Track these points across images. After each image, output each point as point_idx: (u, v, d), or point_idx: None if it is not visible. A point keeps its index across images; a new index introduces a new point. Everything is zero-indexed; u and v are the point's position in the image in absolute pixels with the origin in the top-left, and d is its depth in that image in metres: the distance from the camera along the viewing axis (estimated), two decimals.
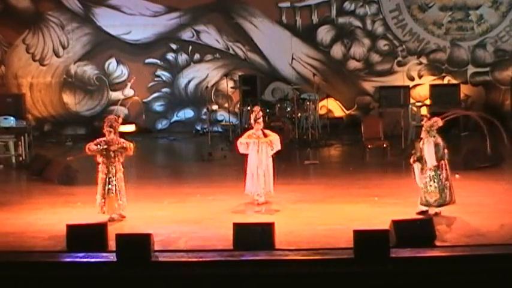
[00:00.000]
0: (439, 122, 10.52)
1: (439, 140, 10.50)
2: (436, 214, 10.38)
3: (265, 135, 11.37)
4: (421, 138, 10.58)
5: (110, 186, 10.69)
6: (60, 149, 17.22)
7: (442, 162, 10.43)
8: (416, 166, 10.52)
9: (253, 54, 19.04)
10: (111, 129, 10.77)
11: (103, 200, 10.70)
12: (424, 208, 10.48)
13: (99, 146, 10.73)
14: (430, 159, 10.35)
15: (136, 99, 15.89)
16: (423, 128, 10.52)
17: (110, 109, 18.18)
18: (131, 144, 10.88)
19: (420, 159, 10.49)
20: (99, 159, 10.79)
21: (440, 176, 10.40)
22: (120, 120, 10.97)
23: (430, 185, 10.41)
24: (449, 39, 18.71)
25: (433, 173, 10.40)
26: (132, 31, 19.10)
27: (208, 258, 8.98)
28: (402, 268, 8.72)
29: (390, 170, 13.83)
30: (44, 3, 19.17)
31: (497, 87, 18.70)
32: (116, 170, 10.74)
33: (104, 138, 10.78)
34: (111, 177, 10.71)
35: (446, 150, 10.54)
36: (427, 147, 10.37)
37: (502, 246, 9.11)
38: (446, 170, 10.46)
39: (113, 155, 10.73)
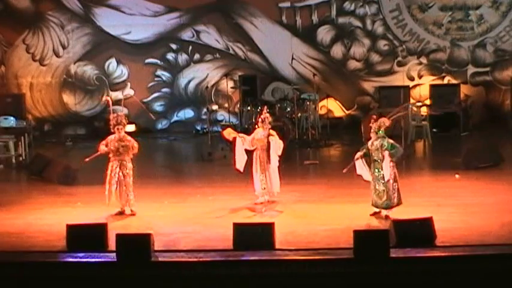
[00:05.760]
0: (386, 122, 10.50)
1: (391, 141, 10.48)
2: (387, 217, 10.35)
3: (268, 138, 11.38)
4: (370, 138, 10.57)
5: (116, 179, 10.83)
6: (60, 149, 17.23)
7: (390, 164, 10.40)
8: (360, 162, 10.50)
9: (253, 54, 19.05)
10: (122, 126, 10.89)
11: (110, 195, 10.81)
12: (376, 209, 10.49)
13: (110, 144, 10.85)
14: (386, 171, 10.34)
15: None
16: (371, 130, 10.51)
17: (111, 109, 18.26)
18: (135, 143, 11.03)
19: (367, 156, 10.49)
20: (110, 154, 10.95)
21: (388, 178, 10.37)
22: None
23: (378, 186, 10.41)
24: (449, 39, 18.72)
25: (381, 174, 10.39)
26: (132, 31, 19.11)
27: (208, 258, 8.98)
28: (402, 268, 8.72)
29: None
30: (44, 3, 19.17)
31: (497, 87, 18.72)
32: (125, 166, 10.88)
33: (113, 137, 10.89)
34: (119, 172, 10.82)
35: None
36: (384, 162, 10.34)
37: (502, 246, 9.11)
38: (394, 171, 10.42)
39: (122, 151, 10.84)
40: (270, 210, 11.05)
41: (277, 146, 11.32)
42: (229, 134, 11.53)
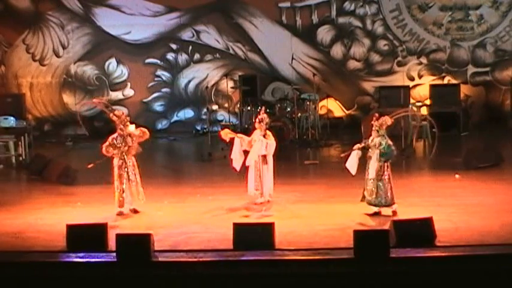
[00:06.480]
0: (387, 120, 10.52)
1: (391, 142, 10.51)
2: (394, 213, 10.41)
3: (265, 137, 11.37)
4: (371, 135, 10.62)
5: (131, 178, 10.86)
6: (60, 149, 17.23)
7: (386, 163, 10.43)
8: (356, 154, 10.54)
9: (253, 54, 19.06)
10: (126, 123, 10.94)
11: (122, 194, 10.82)
12: (376, 209, 10.51)
13: (116, 142, 10.86)
14: (372, 169, 10.38)
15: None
16: (373, 128, 10.53)
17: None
18: (145, 129, 11.13)
19: (364, 149, 10.55)
20: (114, 154, 10.93)
21: (382, 177, 10.39)
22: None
23: (370, 183, 10.44)
24: (449, 39, 18.73)
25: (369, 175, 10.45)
26: (132, 31, 19.11)
27: (208, 258, 8.97)
28: (402, 268, 8.72)
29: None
30: (44, 3, 19.18)
31: (497, 87, 18.72)
32: (132, 163, 10.93)
33: (115, 135, 10.90)
34: (129, 170, 10.84)
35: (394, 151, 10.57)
36: (372, 160, 10.39)
37: (502, 246, 9.11)
38: (388, 171, 10.45)
39: (127, 149, 10.84)
40: (269, 210, 11.05)
41: (260, 147, 11.27)
42: (226, 134, 11.52)
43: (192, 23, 19.10)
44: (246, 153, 11.41)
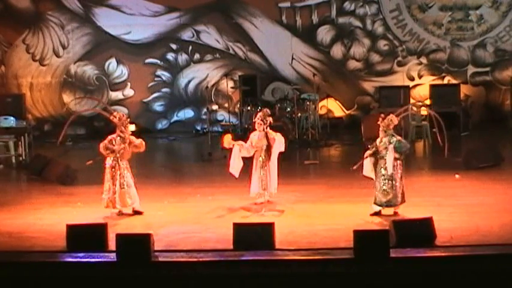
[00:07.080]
0: (394, 120, 10.51)
1: (400, 138, 10.54)
2: (396, 213, 10.44)
3: (268, 137, 11.35)
4: (371, 135, 10.63)
5: (121, 180, 10.82)
6: (60, 149, 17.22)
7: (398, 162, 10.44)
8: (369, 160, 10.56)
9: (253, 54, 19.05)
10: (126, 125, 10.94)
11: (113, 195, 10.77)
12: (377, 208, 10.51)
13: (114, 143, 10.83)
14: (389, 164, 10.37)
15: None
16: (380, 128, 10.53)
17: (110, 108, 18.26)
18: (142, 141, 11.09)
19: (375, 154, 10.54)
20: (109, 154, 10.89)
21: (395, 176, 10.40)
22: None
23: (384, 184, 10.43)
24: (449, 39, 18.73)
25: (387, 171, 10.42)
26: (132, 31, 19.11)
27: (208, 258, 8.97)
28: (402, 268, 8.72)
29: None
30: (44, 3, 19.17)
31: (497, 87, 18.72)
32: (125, 165, 10.87)
33: (115, 136, 10.87)
34: (122, 172, 10.80)
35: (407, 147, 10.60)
36: (388, 156, 10.39)
37: (502, 246, 9.11)
38: (400, 169, 10.47)
39: (123, 151, 10.83)
40: (270, 210, 11.05)
41: (281, 143, 11.33)
42: (229, 143, 11.46)
43: (192, 23, 19.10)
44: (244, 159, 11.39)
